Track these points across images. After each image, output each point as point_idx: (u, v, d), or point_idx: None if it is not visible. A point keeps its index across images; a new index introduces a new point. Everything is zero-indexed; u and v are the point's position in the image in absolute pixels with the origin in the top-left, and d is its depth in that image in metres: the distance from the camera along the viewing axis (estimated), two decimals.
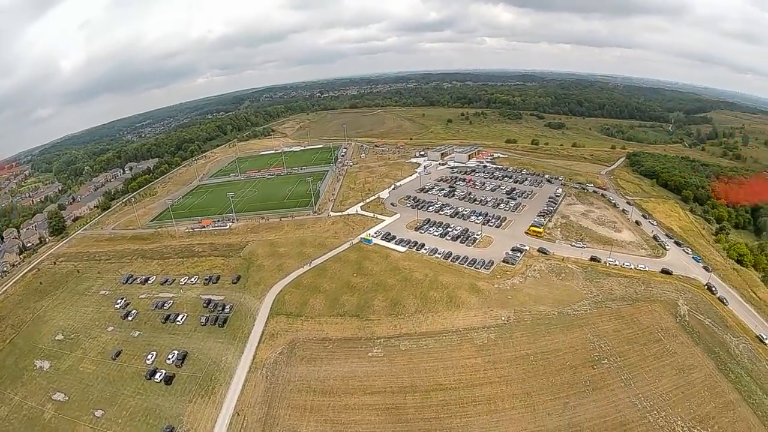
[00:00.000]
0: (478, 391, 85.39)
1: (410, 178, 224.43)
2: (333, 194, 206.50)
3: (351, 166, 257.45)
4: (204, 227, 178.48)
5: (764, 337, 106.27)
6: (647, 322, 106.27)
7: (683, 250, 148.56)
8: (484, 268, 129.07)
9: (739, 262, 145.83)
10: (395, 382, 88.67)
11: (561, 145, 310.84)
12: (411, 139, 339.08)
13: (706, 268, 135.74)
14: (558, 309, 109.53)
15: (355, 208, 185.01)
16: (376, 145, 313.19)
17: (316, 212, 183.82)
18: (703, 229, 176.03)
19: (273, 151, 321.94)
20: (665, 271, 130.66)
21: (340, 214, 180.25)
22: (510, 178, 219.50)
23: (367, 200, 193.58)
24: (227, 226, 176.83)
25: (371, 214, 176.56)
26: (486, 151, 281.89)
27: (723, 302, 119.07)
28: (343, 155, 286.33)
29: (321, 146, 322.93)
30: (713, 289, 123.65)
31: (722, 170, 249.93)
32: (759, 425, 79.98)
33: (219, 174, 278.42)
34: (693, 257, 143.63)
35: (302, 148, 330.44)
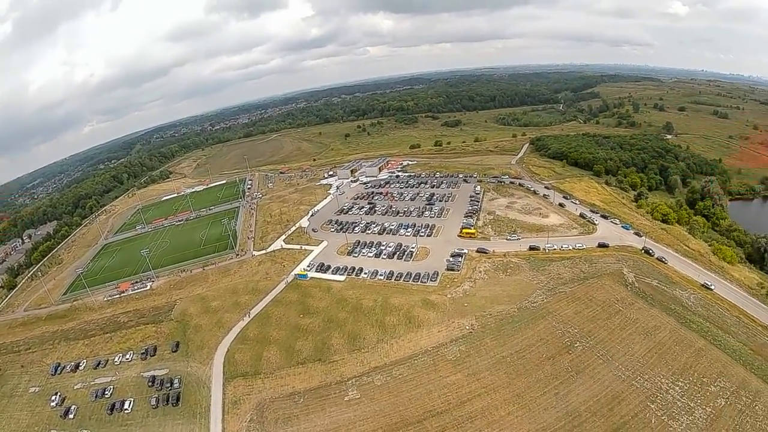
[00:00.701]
0: (470, 406, 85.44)
1: (326, 201, 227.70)
2: (251, 231, 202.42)
3: (261, 198, 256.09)
4: (123, 292, 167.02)
5: (709, 284, 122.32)
6: (602, 297, 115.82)
7: (611, 221, 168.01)
8: (431, 280, 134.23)
9: (664, 221, 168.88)
10: (384, 420, 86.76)
11: (463, 142, 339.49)
12: (314, 160, 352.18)
13: (637, 234, 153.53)
14: (516, 305, 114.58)
15: (278, 243, 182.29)
16: (281, 172, 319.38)
17: (238, 254, 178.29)
18: (623, 198, 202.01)
19: (176, 195, 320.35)
20: (602, 245, 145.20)
21: (264, 252, 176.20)
22: (426, 183, 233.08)
23: (289, 232, 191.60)
24: (147, 287, 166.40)
25: (297, 247, 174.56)
26: (395, 160, 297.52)
27: (663, 261, 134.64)
28: (249, 188, 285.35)
29: (224, 182, 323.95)
30: (650, 251, 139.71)
31: (624, 140, 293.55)
32: (732, 362, 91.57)
33: (124, 228, 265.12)
34: (622, 226, 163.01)
35: (205, 186, 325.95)
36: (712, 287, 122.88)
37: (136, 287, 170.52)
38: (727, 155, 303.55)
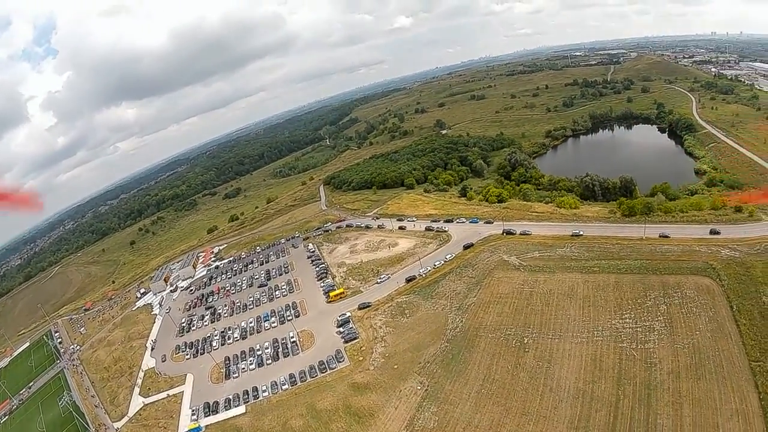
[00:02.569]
0: None
1: (158, 326, 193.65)
2: (93, 398, 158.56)
3: (80, 349, 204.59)
4: None
5: (577, 231, 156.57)
6: (505, 288, 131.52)
7: (458, 222, 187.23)
8: (339, 362, 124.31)
9: (500, 201, 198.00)
10: None
11: (256, 207, 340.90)
12: (113, 282, 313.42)
13: (488, 222, 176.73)
14: (443, 339, 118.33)
15: (136, 400, 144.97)
16: (86, 309, 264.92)
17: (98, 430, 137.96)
18: (450, 198, 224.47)
19: None
20: (468, 246, 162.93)
21: (127, 419, 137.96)
22: (253, 263, 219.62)
23: (139, 382, 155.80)
24: None
25: (162, 395, 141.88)
26: (204, 251, 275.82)
27: (527, 234, 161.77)
28: (60, 342, 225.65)
29: (28, 344, 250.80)
30: (511, 230, 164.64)
31: (411, 148, 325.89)
32: (645, 278, 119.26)
33: None
34: (471, 222, 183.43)
35: (9, 358, 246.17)
36: (581, 233, 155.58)
37: None
38: (505, 127, 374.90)
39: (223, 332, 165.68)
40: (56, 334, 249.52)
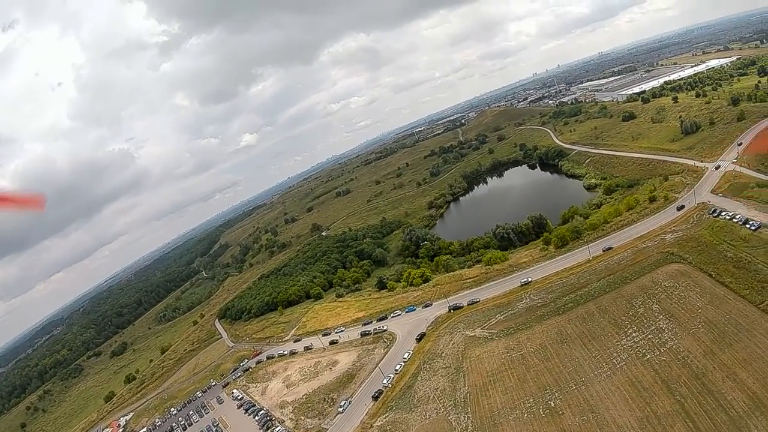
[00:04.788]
0: None
1: None
2: None
3: None
4: None
5: (524, 280, 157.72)
6: (492, 364, 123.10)
7: (393, 317, 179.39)
8: None
9: (426, 281, 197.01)
10: None
11: (150, 361, 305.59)
12: None
13: (427, 305, 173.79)
14: None
15: None
16: None
17: None
18: (369, 296, 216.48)
19: None
20: (421, 337, 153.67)
21: None
22: (174, 429, 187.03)
23: None
24: None
25: None
26: (110, 425, 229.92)
27: (476, 302, 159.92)
28: None
29: None
30: (458, 305, 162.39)
31: (300, 258, 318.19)
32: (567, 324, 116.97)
33: None
34: (408, 311, 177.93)
35: None
36: (530, 279, 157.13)
37: None
38: (384, 213, 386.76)
39: None
40: None
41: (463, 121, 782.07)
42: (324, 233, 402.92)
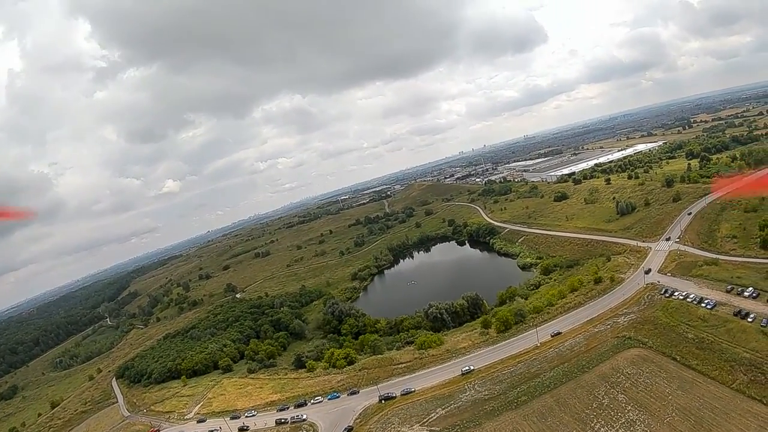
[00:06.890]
0: None
1: None
2: None
3: None
4: None
5: (466, 368, 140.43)
6: None
7: (314, 403, 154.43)
8: None
9: (351, 363, 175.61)
10: None
11: (39, 415, 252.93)
12: None
13: (354, 392, 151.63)
14: None
15: None
16: None
17: None
18: (286, 377, 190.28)
19: None
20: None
21: None
22: None
23: None
24: None
25: None
26: None
27: (411, 392, 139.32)
28: None
29: None
30: (390, 395, 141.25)
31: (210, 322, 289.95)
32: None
33: None
34: (330, 398, 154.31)
35: None
36: (472, 368, 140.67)
37: None
38: (304, 280, 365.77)
39: None
40: None
41: (389, 192, 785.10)
42: (238, 295, 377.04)
